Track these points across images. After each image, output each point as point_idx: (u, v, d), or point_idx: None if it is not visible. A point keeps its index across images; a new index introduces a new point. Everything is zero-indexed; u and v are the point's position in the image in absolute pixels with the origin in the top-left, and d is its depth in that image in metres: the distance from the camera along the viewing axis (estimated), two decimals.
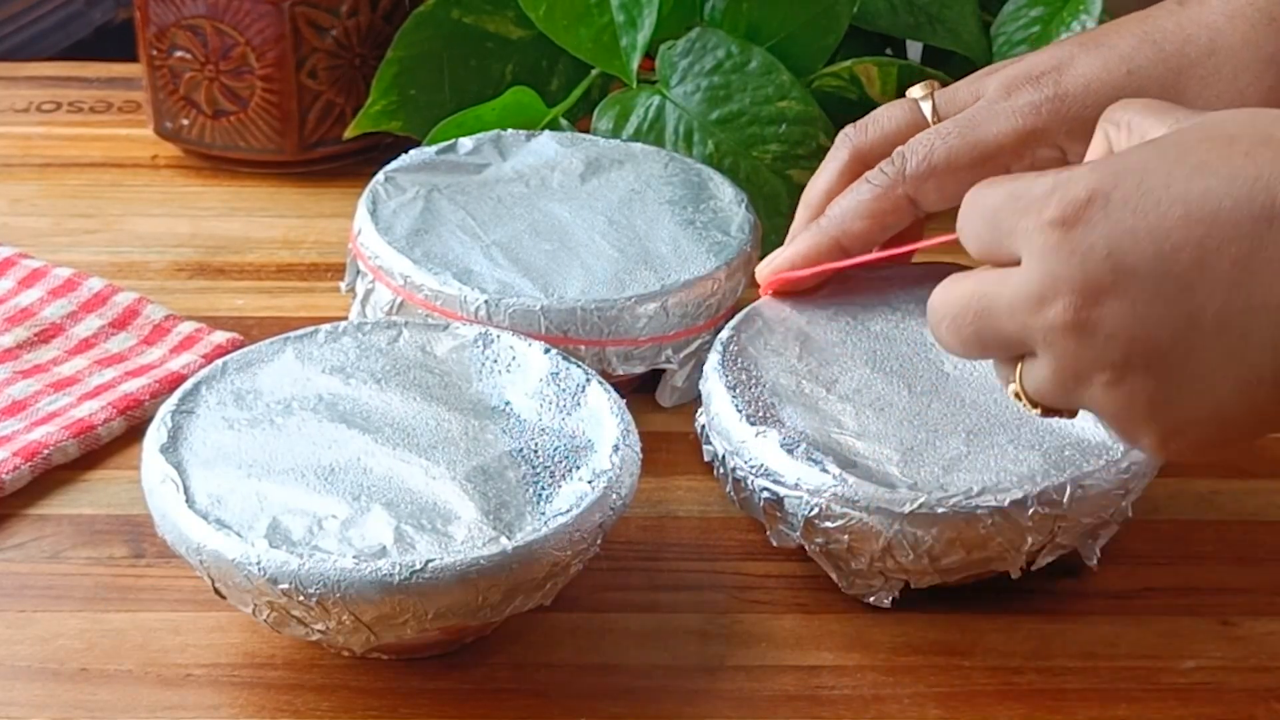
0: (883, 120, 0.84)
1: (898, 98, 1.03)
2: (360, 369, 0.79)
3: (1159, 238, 0.61)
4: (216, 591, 0.73)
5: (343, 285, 0.92)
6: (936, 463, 0.76)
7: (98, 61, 1.17)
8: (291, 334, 0.81)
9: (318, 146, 1.06)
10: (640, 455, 0.77)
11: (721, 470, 0.79)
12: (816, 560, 0.77)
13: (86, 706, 0.74)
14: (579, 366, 0.80)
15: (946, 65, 1.03)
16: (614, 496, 0.74)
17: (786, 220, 1.00)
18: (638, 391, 0.87)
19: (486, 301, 0.85)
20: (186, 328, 0.93)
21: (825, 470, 0.75)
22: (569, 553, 0.73)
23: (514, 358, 0.80)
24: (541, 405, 0.78)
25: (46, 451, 0.84)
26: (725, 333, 0.83)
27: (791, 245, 0.84)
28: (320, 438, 0.76)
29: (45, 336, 0.92)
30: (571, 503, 0.73)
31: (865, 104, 1.02)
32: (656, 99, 0.99)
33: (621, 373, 0.87)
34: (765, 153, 0.99)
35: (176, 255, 1.00)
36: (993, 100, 0.81)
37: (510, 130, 0.97)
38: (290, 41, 1.03)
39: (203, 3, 1.03)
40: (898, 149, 0.81)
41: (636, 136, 0.99)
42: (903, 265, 0.85)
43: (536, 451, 0.76)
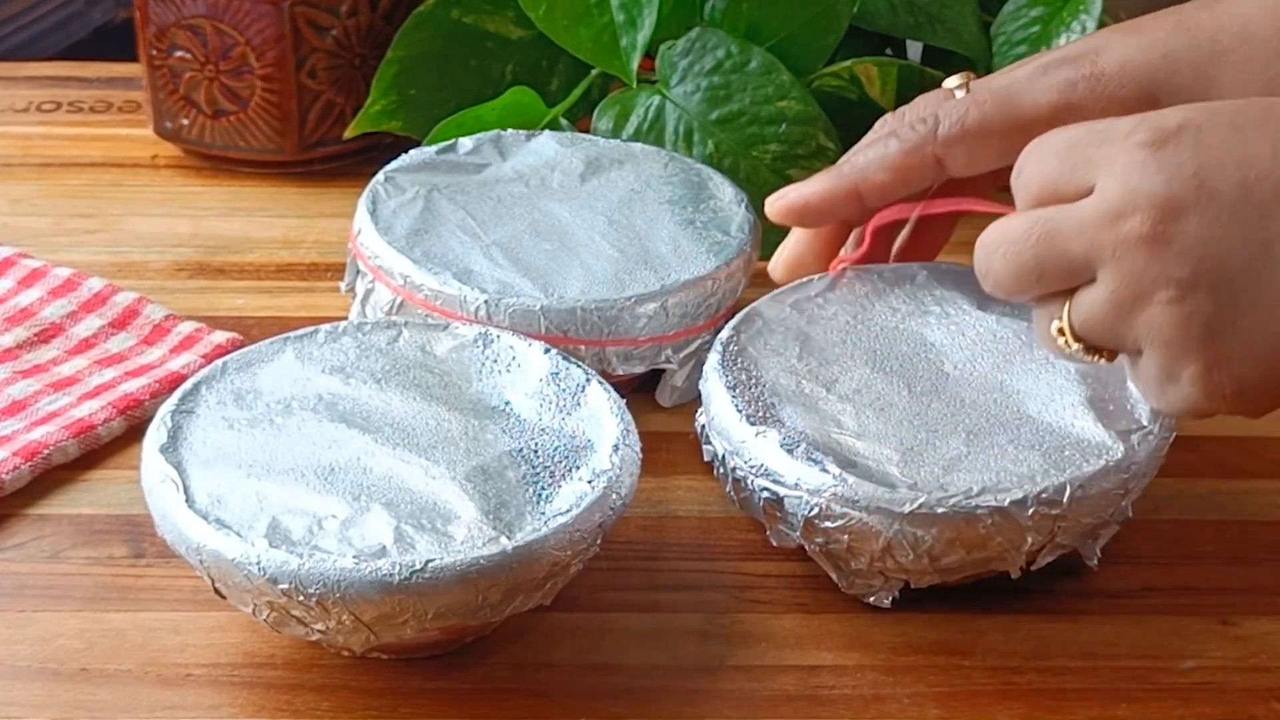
0: (919, 108, 0.83)
1: (898, 98, 1.03)
2: (360, 369, 0.79)
3: (1245, 166, 0.64)
4: (216, 591, 0.73)
5: (343, 285, 0.92)
6: (936, 463, 0.76)
7: (98, 61, 1.17)
8: (291, 334, 0.81)
9: (318, 146, 1.06)
10: (640, 455, 0.77)
11: (721, 470, 0.79)
12: (816, 560, 0.77)
13: (86, 706, 0.74)
14: (579, 366, 0.80)
15: (946, 65, 1.03)
16: (614, 496, 0.74)
17: None
18: (638, 391, 0.87)
19: (486, 301, 0.85)
20: (186, 328, 0.93)
21: (825, 470, 0.75)
22: (569, 553, 0.73)
23: (514, 358, 0.80)
24: (541, 405, 0.78)
25: (46, 451, 0.84)
26: (725, 333, 0.83)
27: (806, 183, 0.83)
28: (320, 438, 0.76)
29: (45, 336, 0.92)
30: (571, 503, 0.73)
31: (865, 104, 1.02)
32: (656, 99, 0.99)
33: (621, 373, 0.87)
34: (765, 153, 0.99)
35: (176, 255, 1.00)
36: (1030, 76, 0.80)
37: (510, 130, 0.97)
38: (290, 41, 1.03)
39: (203, 3, 1.03)
40: (931, 110, 0.81)
41: (636, 136, 0.98)
42: (902, 266, 0.85)
43: (536, 451, 0.76)
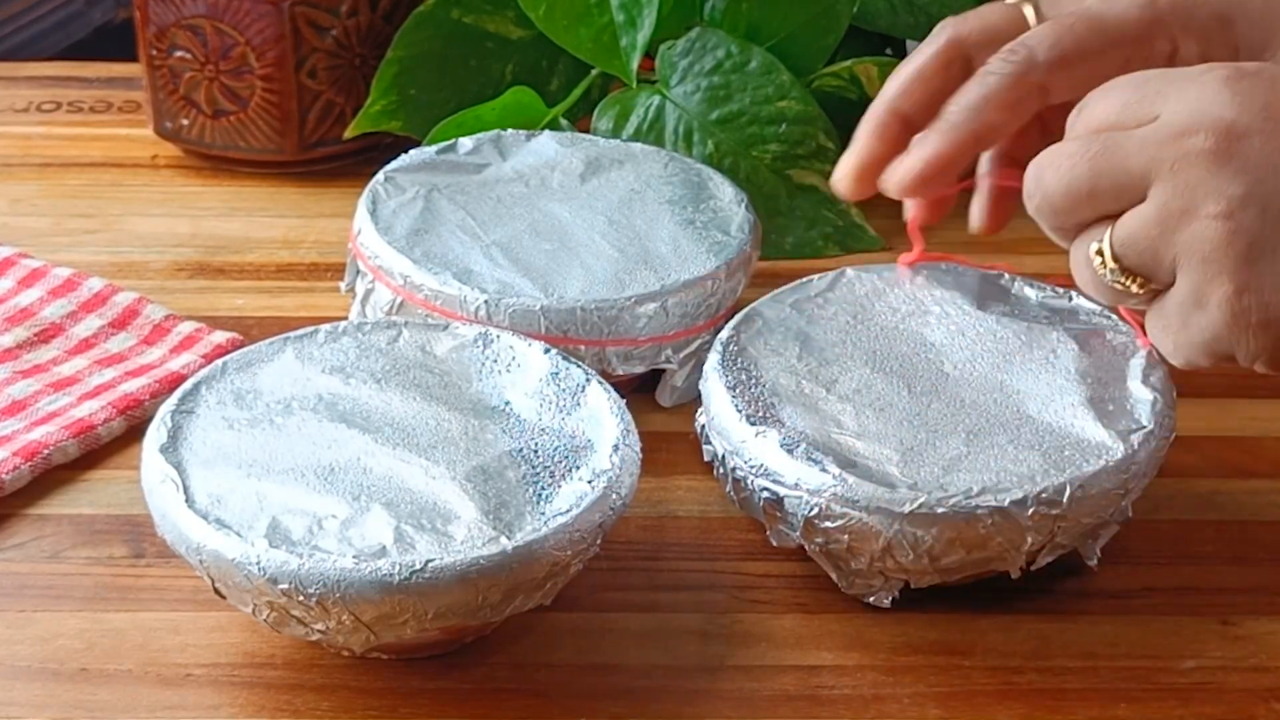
0: (985, 13, 0.80)
1: None
2: (360, 369, 0.79)
3: None
4: (216, 591, 0.73)
5: (343, 285, 0.92)
6: (936, 463, 0.76)
7: (98, 61, 1.17)
8: (291, 334, 0.81)
9: (318, 146, 1.06)
10: (640, 455, 0.77)
11: (721, 470, 0.79)
12: (816, 560, 0.77)
13: (86, 706, 0.74)
14: (579, 366, 0.80)
15: None
16: (614, 496, 0.74)
17: (786, 220, 1.00)
18: (638, 391, 0.87)
19: (486, 301, 0.85)
20: (186, 328, 0.93)
21: (825, 470, 0.75)
22: (569, 553, 0.73)
23: (514, 358, 0.80)
24: (541, 405, 0.78)
25: (46, 451, 0.84)
26: (725, 333, 0.83)
27: (921, 147, 0.78)
28: (320, 438, 0.76)
29: (45, 336, 0.92)
30: (571, 503, 0.73)
31: (865, 104, 1.01)
32: (656, 99, 0.99)
33: (621, 373, 0.87)
34: (765, 153, 0.99)
35: (176, 255, 1.00)
36: None
37: (510, 130, 0.97)
38: (290, 41, 1.03)
39: (203, 3, 1.03)
40: (1017, 40, 0.77)
41: (636, 136, 0.99)
42: (902, 266, 0.85)
43: (536, 451, 0.76)
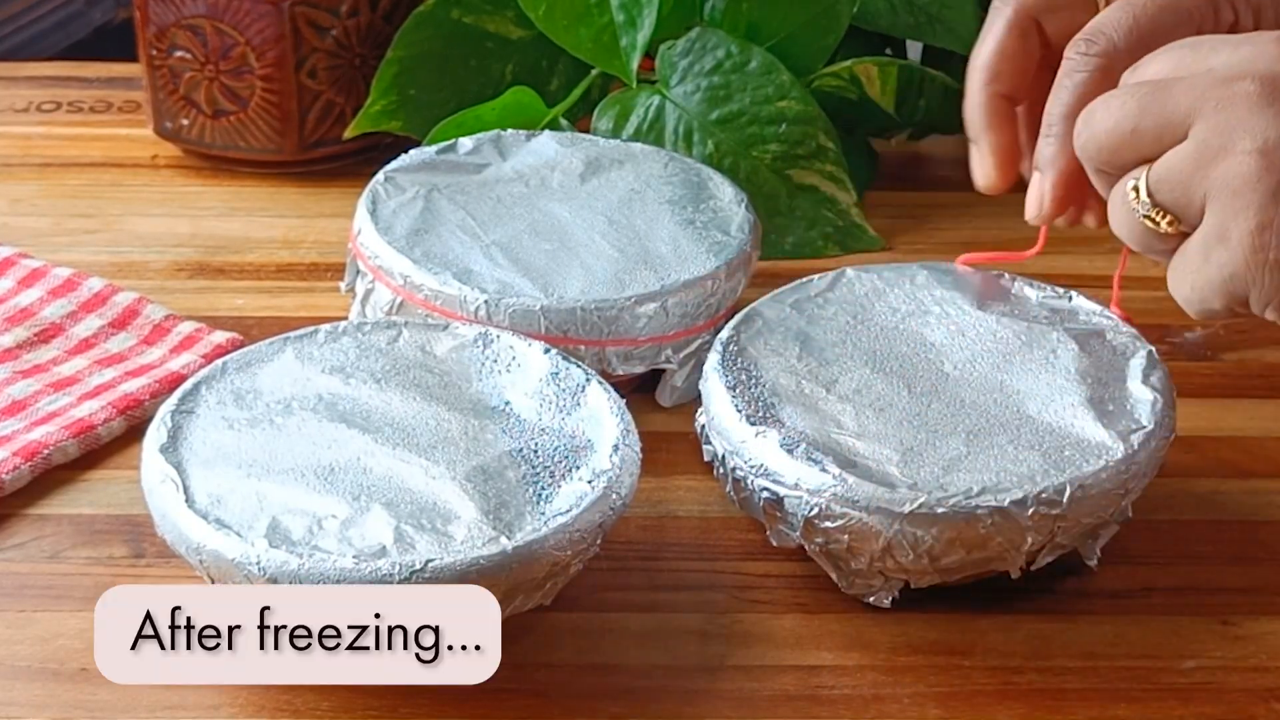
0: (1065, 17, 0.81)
1: (897, 98, 1.03)
2: (360, 369, 0.79)
3: None
4: None
5: (343, 285, 0.92)
6: (936, 463, 0.76)
7: (98, 61, 1.17)
8: (291, 334, 0.81)
9: (318, 146, 1.06)
10: (640, 455, 0.77)
11: (721, 470, 0.79)
12: (816, 560, 0.77)
13: (86, 706, 0.74)
14: (579, 366, 0.80)
15: (946, 65, 1.03)
16: (614, 496, 0.74)
17: (786, 220, 1.00)
18: (638, 391, 0.87)
19: (486, 301, 0.85)
20: (186, 328, 0.93)
21: (825, 470, 0.75)
22: (569, 553, 0.73)
23: (514, 358, 0.80)
24: (541, 405, 0.78)
25: (46, 451, 0.84)
26: (725, 333, 0.83)
27: (1042, 174, 0.79)
28: (320, 438, 0.76)
29: (45, 336, 0.92)
30: (571, 503, 0.73)
31: (865, 104, 1.02)
32: (656, 99, 0.99)
33: (621, 373, 0.87)
34: (765, 153, 0.99)
35: (176, 255, 1.00)
36: None
37: (510, 130, 0.97)
38: (290, 41, 1.03)
39: (203, 3, 1.03)
40: (1093, 27, 0.77)
41: (636, 136, 0.98)
42: (902, 266, 0.85)
43: (536, 451, 0.76)
